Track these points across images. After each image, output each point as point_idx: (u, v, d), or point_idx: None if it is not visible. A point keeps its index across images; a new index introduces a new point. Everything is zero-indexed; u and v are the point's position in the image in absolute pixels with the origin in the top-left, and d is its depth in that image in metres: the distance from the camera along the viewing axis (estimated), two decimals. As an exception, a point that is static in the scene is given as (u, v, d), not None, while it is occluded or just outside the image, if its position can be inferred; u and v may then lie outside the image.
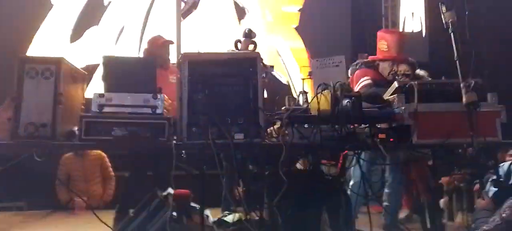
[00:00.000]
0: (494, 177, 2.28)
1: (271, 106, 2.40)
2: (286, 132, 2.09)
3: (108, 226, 2.29)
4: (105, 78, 2.33)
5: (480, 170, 2.32)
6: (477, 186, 3.18)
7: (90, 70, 4.62)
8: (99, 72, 2.38)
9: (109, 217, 2.93)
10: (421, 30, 6.07)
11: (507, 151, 3.44)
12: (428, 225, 3.16)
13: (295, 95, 2.61)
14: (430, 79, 3.45)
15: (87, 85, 2.66)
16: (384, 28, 5.97)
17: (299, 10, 5.99)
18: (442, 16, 2.12)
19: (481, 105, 2.09)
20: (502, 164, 2.93)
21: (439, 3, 2.11)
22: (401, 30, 5.93)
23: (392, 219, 3.23)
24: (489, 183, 2.40)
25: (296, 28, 5.97)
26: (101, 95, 2.24)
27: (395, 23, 6.06)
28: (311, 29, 5.90)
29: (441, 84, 2.27)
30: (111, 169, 4.14)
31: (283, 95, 2.60)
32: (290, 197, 1.98)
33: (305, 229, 2.20)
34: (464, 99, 2.02)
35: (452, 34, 2.10)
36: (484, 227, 1.61)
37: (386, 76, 3.28)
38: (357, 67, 3.31)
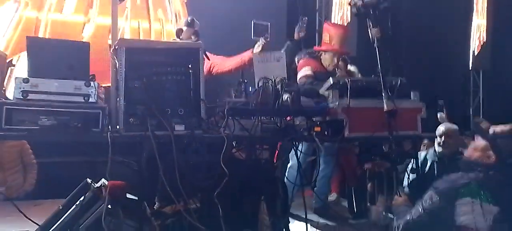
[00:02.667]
0: (413, 166, 2.56)
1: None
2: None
3: (30, 219, 2.12)
4: (30, 61, 2.13)
5: (396, 160, 2.56)
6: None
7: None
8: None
9: (31, 209, 2.72)
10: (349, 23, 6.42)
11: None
12: (355, 208, 3.46)
13: None
14: (360, 75, 3.72)
15: (8, 69, 2.41)
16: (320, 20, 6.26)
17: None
18: (369, 31, 2.32)
19: (402, 102, 2.33)
20: (419, 152, 3.28)
21: (367, 19, 2.29)
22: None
23: (323, 203, 3.46)
24: (407, 171, 2.68)
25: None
26: (25, 81, 2.04)
27: (328, 17, 6.35)
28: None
29: (371, 82, 2.46)
30: (33, 156, 3.80)
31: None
32: (229, 187, 2.02)
33: (244, 218, 2.26)
34: (385, 107, 2.23)
35: (377, 49, 2.32)
36: (407, 217, 1.77)
37: (326, 67, 3.45)
38: (302, 56, 3.45)
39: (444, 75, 6.83)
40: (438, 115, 3.59)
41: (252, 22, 2.79)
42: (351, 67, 3.83)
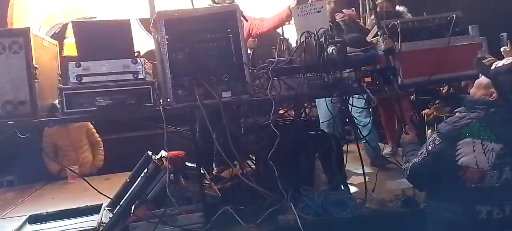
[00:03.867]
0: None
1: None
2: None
3: (102, 193, 2.30)
4: (79, 46, 2.22)
5: (457, 102, 2.39)
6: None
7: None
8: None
9: (102, 183, 2.95)
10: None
11: None
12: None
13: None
14: (409, 15, 3.44)
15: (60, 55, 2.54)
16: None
17: None
18: None
19: (459, 39, 2.14)
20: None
21: None
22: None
23: (375, 152, 3.32)
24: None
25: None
26: (77, 65, 2.14)
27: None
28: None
29: (422, 22, 2.27)
30: (97, 135, 4.09)
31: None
32: (282, 147, 2.02)
33: (300, 176, 2.27)
34: (382, 46, 2.07)
35: None
36: (415, 159, 1.76)
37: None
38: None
39: (504, 3, 6.12)
40: (502, 49, 3.25)
41: None
42: (399, 8, 3.55)
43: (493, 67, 1.71)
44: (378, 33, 2.15)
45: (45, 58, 2.31)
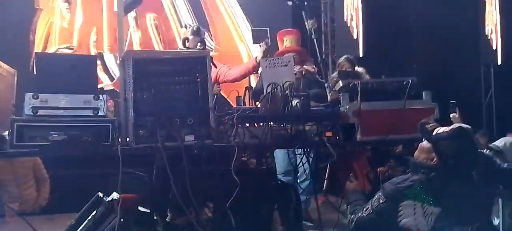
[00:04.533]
0: None
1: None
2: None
3: (44, 235, 2.12)
4: (39, 77, 2.14)
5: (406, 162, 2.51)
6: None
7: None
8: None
9: (45, 223, 2.73)
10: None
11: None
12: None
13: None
14: (368, 76, 3.66)
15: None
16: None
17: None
18: (306, 23, 2.45)
19: (414, 103, 2.29)
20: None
21: (302, 12, 2.43)
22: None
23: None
24: None
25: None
26: (34, 97, 2.05)
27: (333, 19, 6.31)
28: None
29: (381, 84, 2.41)
30: (45, 171, 3.84)
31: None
32: (241, 196, 1.99)
33: (257, 227, 2.23)
34: (328, 97, 2.22)
35: (315, 40, 2.47)
36: (359, 214, 1.81)
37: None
38: None
39: (455, 73, 6.72)
40: (451, 115, 3.51)
41: (251, 29, 2.81)
42: (359, 69, 3.78)
43: (435, 132, 1.83)
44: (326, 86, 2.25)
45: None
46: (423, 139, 1.89)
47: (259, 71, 3.11)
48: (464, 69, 7.06)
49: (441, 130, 1.84)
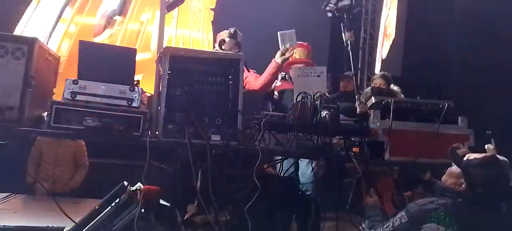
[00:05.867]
0: None
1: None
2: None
3: (68, 216, 2.21)
4: (81, 64, 2.25)
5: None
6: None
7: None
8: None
9: (71, 206, 2.83)
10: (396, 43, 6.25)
11: None
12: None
13: None
14: (402, 95, 3.57)
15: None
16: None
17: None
18: (343, 35, 2.43)
19: (449, 128, 2.21)
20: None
21: (340, 24, 2.40)
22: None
23: None
24: None
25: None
26: (74, 82, 2.16)
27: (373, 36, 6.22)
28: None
29: (415, 104, 2.34)
30: (86, 158, 3.99)
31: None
32: (261, 202, 1.99)
33: (274, 235, 2.21)
34: (357, 110, 2.22)
35: (350, 52, 2.43)
36: (379, 230, 1.82)
37: None
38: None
39: (496, 102, 6.41)
40: (486, 147, 3.35)
41: (278, 33, 2.85)
42: (394, 87, 3.69)
43: (465, 158, 1.77)
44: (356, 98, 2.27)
45: (44, 70, 2.32)
46: (453, 164, 1.83)
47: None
48: (506, 101, 6.72)
49: (472, 156, 1.78)
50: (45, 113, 2.13)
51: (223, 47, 3.02)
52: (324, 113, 2.05)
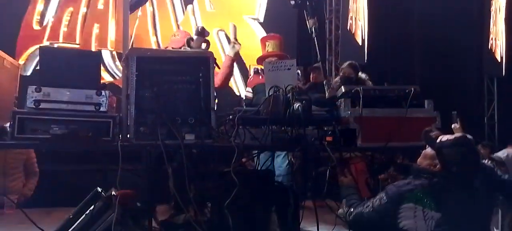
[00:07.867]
0: None
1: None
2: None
3: (40, 228, 2.13)
4: (42, 71, 2.15)
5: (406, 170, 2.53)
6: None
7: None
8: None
9: (43, 217, 2.73)
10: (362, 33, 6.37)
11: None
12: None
13: None
14: (371, 82, 3.67)
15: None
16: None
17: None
18: (307, 22, 2.44)
19: (416, 112, 2.30)
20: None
21: (304, 11, 2.42)
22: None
23: None
24: None
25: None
26: (37, 90, 2.06)
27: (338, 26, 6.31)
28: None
29: (383, 91, 2.41)
30: (36, 165, 3.85)
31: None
32: (240, 198, 1.99)
33: (255, 229, 2.22)
34: (326, 94, 2.29)
35: (315, 39, 2.45)
36: (360, 208, 1.90)
37: None
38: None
39: (458, 83, 6.71)
40: (452, 126, 3.51)
41: (231, 25, 2.93)
42: (362, 75, 3.78)
43: (438, 140, 1.86)
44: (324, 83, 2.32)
45: (2, 78, 2.20)
46: (427, 146, 1.91)
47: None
48: (467, 81, 7.05)
49: (445, 137, 1.87)
50: (8, 124, 2.03)
51: (191, 45, 2.98)
52: (296, 105, 2.07)
